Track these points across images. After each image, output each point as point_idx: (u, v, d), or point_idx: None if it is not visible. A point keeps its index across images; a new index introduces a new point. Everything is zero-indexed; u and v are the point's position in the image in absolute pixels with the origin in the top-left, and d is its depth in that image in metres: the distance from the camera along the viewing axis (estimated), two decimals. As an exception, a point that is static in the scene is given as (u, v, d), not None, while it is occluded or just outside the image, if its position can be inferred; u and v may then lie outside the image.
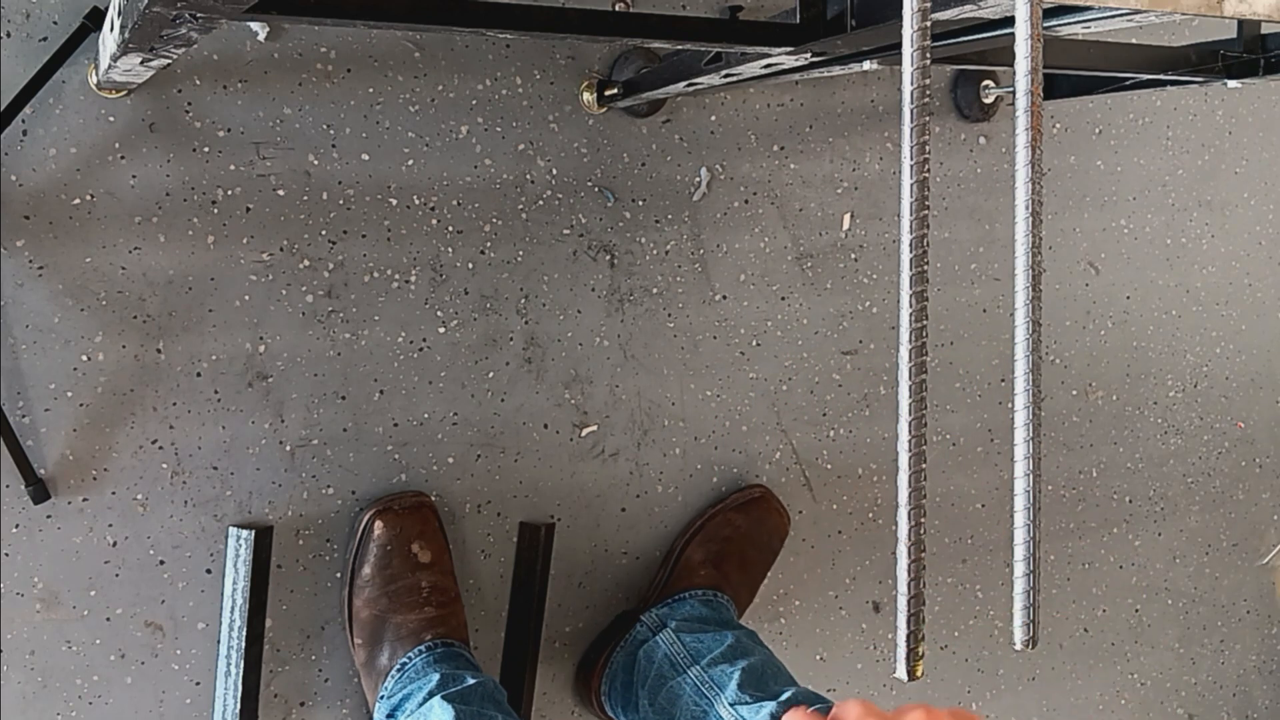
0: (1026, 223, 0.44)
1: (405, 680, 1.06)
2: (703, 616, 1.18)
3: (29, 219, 1.01)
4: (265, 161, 1.09)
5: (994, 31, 0.79)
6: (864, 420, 1.40)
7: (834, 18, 0.81)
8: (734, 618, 1.22)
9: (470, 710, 1.00)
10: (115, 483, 1.06)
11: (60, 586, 1.05)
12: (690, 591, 1.21)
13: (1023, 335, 0.44)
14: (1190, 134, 1.61)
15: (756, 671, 1.09)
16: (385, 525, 1.10)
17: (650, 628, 1.19)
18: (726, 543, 1.26)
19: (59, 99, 1.01)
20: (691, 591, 1.21)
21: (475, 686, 1.03)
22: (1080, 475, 1.57)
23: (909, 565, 0.43)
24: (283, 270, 1.10)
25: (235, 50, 1.07)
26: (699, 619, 1.17)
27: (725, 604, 1.22)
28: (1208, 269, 1.65)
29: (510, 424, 1.21)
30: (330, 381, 1.13)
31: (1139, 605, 1.63)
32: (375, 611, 1.10)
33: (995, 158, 1.46)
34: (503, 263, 1.20)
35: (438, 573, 1.12)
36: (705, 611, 1.19)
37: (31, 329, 1.02)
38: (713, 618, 1.18)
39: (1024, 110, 0.44)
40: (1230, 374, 1.68)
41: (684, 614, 1.18)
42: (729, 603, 1.22)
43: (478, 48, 1.17)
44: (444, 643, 1.09)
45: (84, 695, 1.06)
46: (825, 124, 1.35)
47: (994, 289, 1.47)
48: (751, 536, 1.27)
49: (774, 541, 1.29)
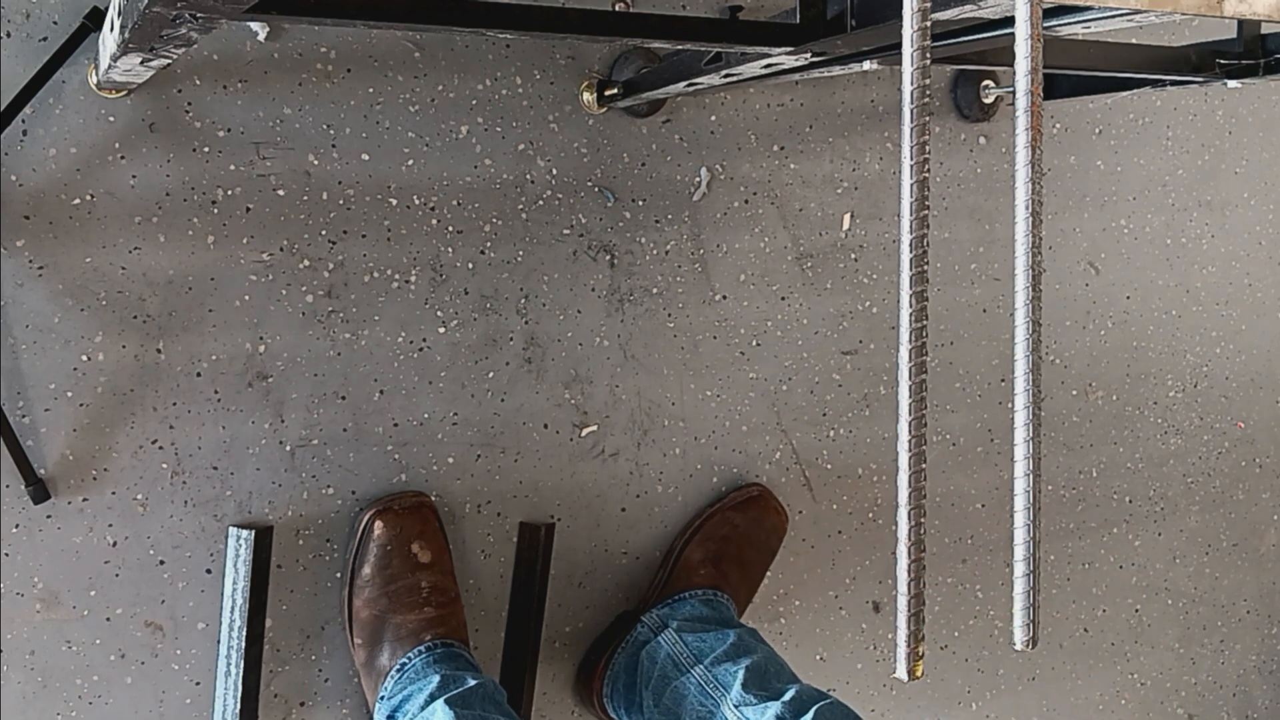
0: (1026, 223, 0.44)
1: (405, 681, 1.06)
2: (704, 616, 1.18)
3: (29, 219, 1.01)
4: (265, 161, 1.09)
5: (994, 31, 0.79)
6: (864, 420, 1.40)
7: (834, 18, 0.81)
8: (734, 616, 1.22)
9: (472, 714, 1.00)
10: (115, 483, 1.06)
11: (60, 586, 1.05)
12: (690, 591, 1.21)
13: (1023, 335, 0.44)
14: (1190, 134, 1.61)
15: (760, 670, 1.09)
16: (385, 525, 1.10)
17: (652, 628, 1.19)
18: (725, 542, 1.26)
19: (59, 99, 1.01)
20: (691, 591, 1.21)
21: (476, 688, 1.03)
22: (1080, 475, 1.57)
23: (909, 565, 0.43)
24: (283, 270, 1.10)
25: (235, 50, 1.07)
26: (700, 618, 1.18)
27: (725, 603, 1.22)
28: (1208, 269, 1.65)
29: (510, 424, 1.21)
30: (330, 381, 1.13)
31: (1139, 605, 1.63)
32: (375, 611, 1.10)
33: (995, 158, 1.46)
34: (503, 263, 1.20)
35: (438, 573, 1.12)
36: (706, 611, 1.19)
37: (31, 329, 1.02)
38: (713, 617, 1.18)
39: (1024, 110, 0.44)
40: (1230, 374, 1.68)
41: (685, 614, 1.18)
42: (729, 602, 1.23)
43: (478, 48, 1.17)
44: (444, 643, 1.09)
45: (84, 695, 1.06)
46: (825, 124, 1.35)
47: (994, 289, 1.47)
48: (750, 536, 1.27)
49: (772, 540, 1.29)
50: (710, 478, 1.31)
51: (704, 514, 1.28)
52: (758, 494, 1.29)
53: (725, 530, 1.26)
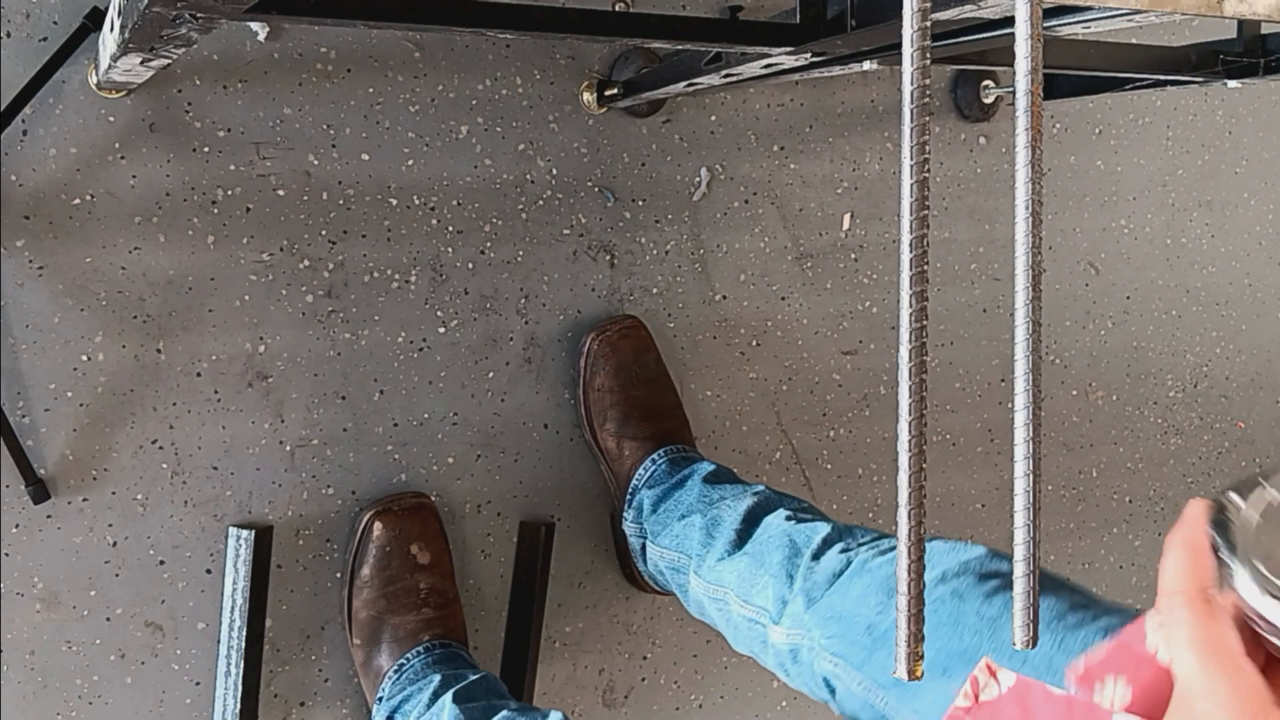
0: (1026, 223, 0.44)
1: (404, 682, 1.06)
2: (661, 494, 1.17)
3: (29, 219, 1.01)
4: (265, 161, 1.09)
5: (994, 31, 0.79)
6: (864, 420, 1.40)
7: (834, 18, 0.81)
8: (689, 465, 1.19)
9: (478, 705, 1.00)
10: (115, 483, 1.06)
11: (60, 586, 1.05)
12: (634, 480, 1.20)
13: (1023, 335, 0.44)
14: (1190, 134, 1.61)
15: (708, 496, 1.12)
16: (385, 526, 1.10)
17: (636, 535, 1.20)
18: (617, 408, 1.21)
19: (59, 99, 1.01)
20: (635, 478, 1.20)
21: (479, 681, 1.03)
22: (1080, 475, 1.57)
23: (909, 565, 0.43)
24: (283, 270, 1.10)
25: (235, 50, 1.07)
26: (660, 498, 1.17)
27: (662, 460, 1.19)
28: (1208, 269, 1.65)
29: (510, 424, 1.21)
30: (330, 381, 1.13)
31: (1139, 605, 1.63)
32: (373, 612, 1.10)
33: (995, 158, 1.46)
34: (503, 263, 1.20)
35: (437, 574, 1.12)
36: (660, 488, 1.17)
37: (31, 329, 1.02)
38: (668, 485, 1.17)
39: (1024, 110, 0.44)
40: (1230, 374, 1.68)
41: (649, 502, 1.17)
42: (667, 454, 1.20)
43: (478, 48, 1.17)
44: (442, 644, 1.09)
45: (84, 695, 1.06)
46: (825, 124, 1.35)
47: (994, 289, 1.47)
48: (627, 385, 1.21)
49: (645, 359, 1.23)
50: (710, 478, 1.31)
51: (581, 400, 1.24)
52: (599, 346, 1.22)
53: (607, 400, 1.21)
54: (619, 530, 1.23)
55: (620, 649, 1.29)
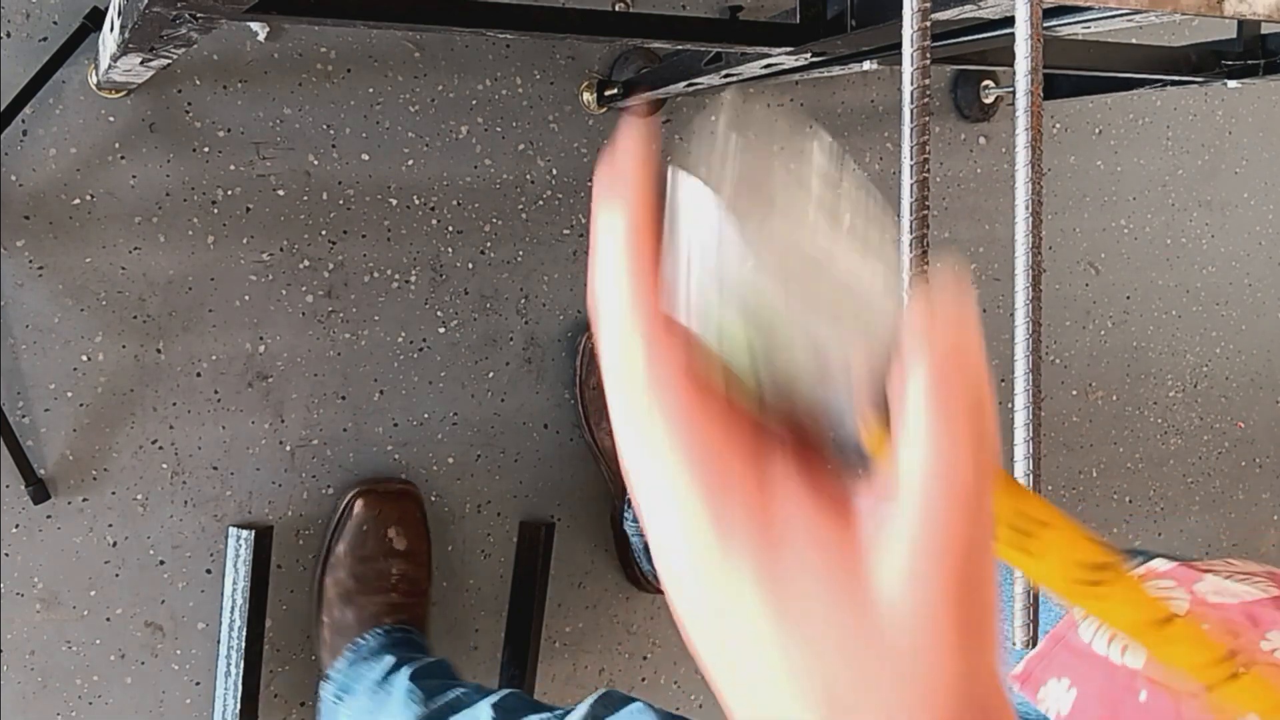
0: (1026, 223, 0.44)
1: (356, 661, 1.05)
2: None
3: (29, 219, 1.01)
4: (265, 161, 1.09)
5: (994, 31, 0.79)
6: (864, 420, 1.39)
7: (834, 18, 0.81)
8: None
9: (435, 683, 0.99)
10: (115, 483, 1.06)
11: (60, 586, 1.05)
12: None
13: (1023, 335, 0.44)
14: (1190, 134, 1.61)
15: None
16: (365, 506, 1.10)
17: (637, 535, 1.21)
18: None
19: (59, 99, 1.01)
20: None
21: (436, 662, 1.03)
22: (1080, 475, 1.57)
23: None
24: (283, 270, 1.10)
25: (235, 50, 1.07)
26: None
27: None
28: (1208, 269, 1.65)
29: (510, 424, 1.21)
30: (330, 381, 1.13)
31: (1139, 605, 1.63)
32: (341, 590, 1.09)
33: (995, 158, 1.46)
34: (503, 263, 1.20)
35: (411, 562, 1.11)
36: None
37: (31, 329, 1.02)
38: None
39: (1024, 110, 0.44)
40: (1230, 374, 1.68)
41: None
42: None
43: (478, 48, 1.17)
44: (402, 629, 1.08)
45: (84, 695, 1.06)
46: (825, 124, 1.35)
47: (994, 289, 1.47)
48: None
49: None
50: (710, 478, 1.31)
51: (579, 399, 1.23)
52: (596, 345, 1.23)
53: (604, 400, 1.19)
54: (619, 530, 1.23)
55: (620, 649, 1.29)
